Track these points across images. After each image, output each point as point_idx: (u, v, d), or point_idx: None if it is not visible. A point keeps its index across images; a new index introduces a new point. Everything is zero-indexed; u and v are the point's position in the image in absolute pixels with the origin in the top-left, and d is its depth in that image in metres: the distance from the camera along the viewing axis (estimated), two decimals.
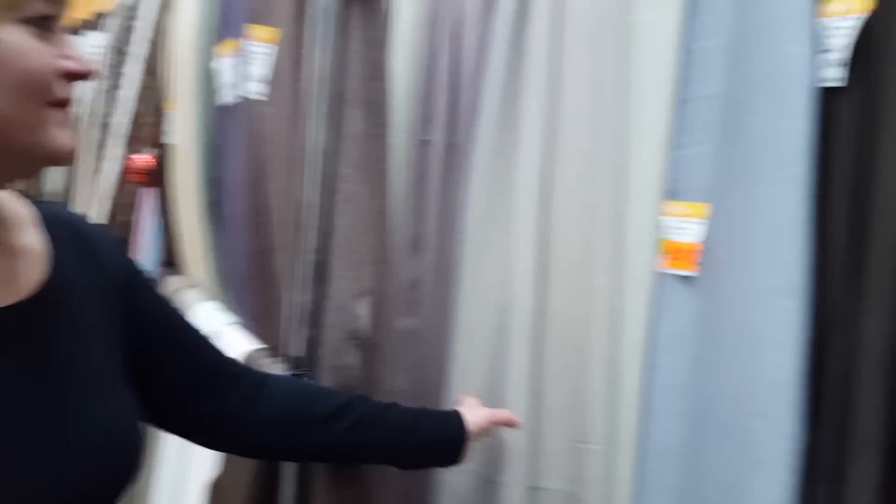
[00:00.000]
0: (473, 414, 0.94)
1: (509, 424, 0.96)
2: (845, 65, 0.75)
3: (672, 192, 0.91)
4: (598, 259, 0.92)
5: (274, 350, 1.13)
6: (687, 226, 0.88)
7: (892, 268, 0.70)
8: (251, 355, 1.14)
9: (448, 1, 1.16)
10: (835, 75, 0.75)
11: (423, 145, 1.22)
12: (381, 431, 0.86)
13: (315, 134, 0.89)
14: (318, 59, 0.87)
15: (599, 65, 0.93)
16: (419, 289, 1.28)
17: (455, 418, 0.92)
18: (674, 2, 0.89)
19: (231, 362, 0.85)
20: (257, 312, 1.16)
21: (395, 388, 1.27)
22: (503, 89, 1.00)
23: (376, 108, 0.89)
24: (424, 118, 1.21)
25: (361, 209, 0.88)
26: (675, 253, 0.89)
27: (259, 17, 1.06)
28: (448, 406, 1.02)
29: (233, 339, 1.24)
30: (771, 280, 0.78)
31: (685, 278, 0.89)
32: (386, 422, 0.87)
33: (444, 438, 0.90)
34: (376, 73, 0.88)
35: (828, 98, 0.77)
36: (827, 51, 0.76)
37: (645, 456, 0.92)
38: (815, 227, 0.76)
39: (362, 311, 0.90)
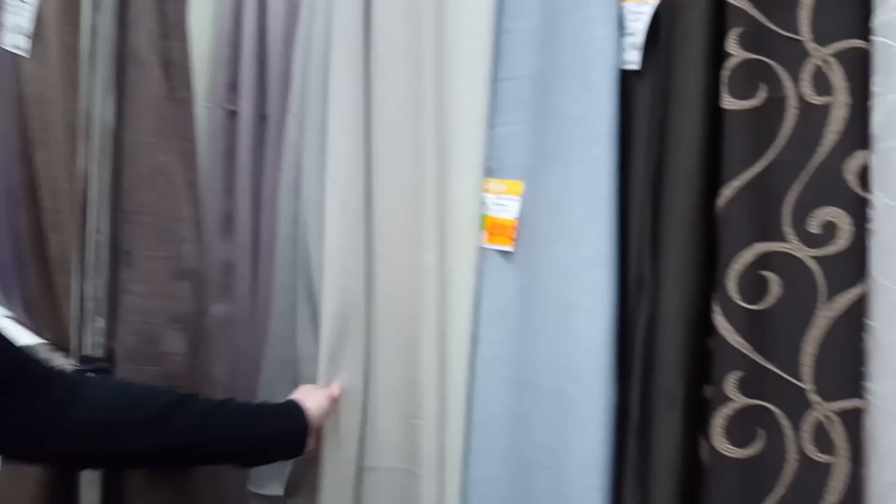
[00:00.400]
0: (312, 399, 0.90)
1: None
2: (640, 49, 0.80)
3: (490, 170, 0.93)
4: (425, 236, 0.91)
5: (59, 344, 0.99)
6: (505, 202, 0.90)
7: (685, 238, 0.76)
8: (31, 351, 1.00)
9: None
10: (633, 59, 0.80)
11: (229, 116, 1.12)
12: (217, 429, 0.81)
13: (97, 98, 0.77)
14: (95, 13, 0.74)
15: (416, 40, 0.91)
16: (233, 272, 1.19)
17: (294, 408, 0.88)
18: None
19: (39, 364, 0.76)
20: (34, 302, 1.00)
21: (211, 376, 1.18)
22: (316, 61, 0.94)
23: (176, 68, 0.78)
24: (230, 86, 1.11)
25: (172, 182, 0.78)
26: (495, 229, 0.91)
27: None
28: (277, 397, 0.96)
29: (10, 335, 1.08)
30: (582, 252, 0.82)
31: (504, 253, 0.92)
32: (221, 419, 0.82)
33: (285, 430, 0.87)
34: (173, 30, 0.77)
35: (628, 80, 0.83)
36: (628, 34, 0.81)
37: (472, 425, 0.94)
38: (620, 202, 0.82)
39: (183, 292, 0.81)
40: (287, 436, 0.87)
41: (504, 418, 0.92)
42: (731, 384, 0.73)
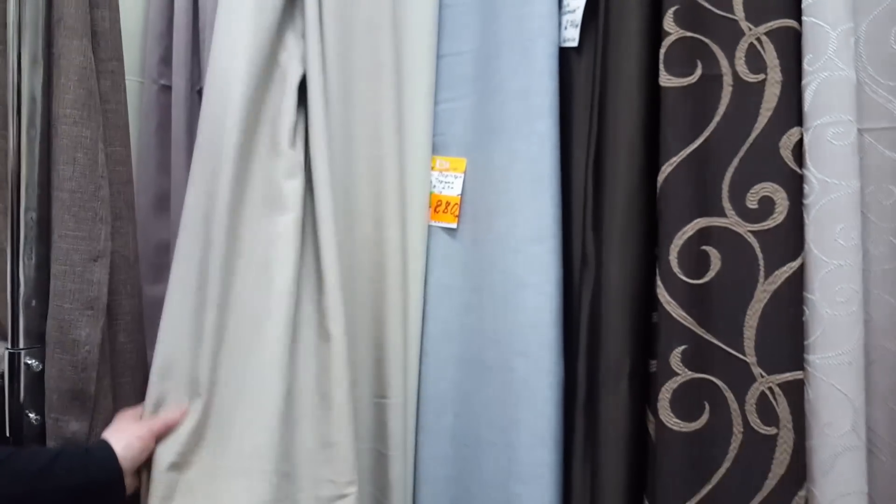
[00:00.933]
0: (128, 435, 0.76)
1: (172, 426, 0.79)
2: (577, 26, 0.80)
3: (435, 146, 0.92)
4: (388, 212, 0.89)
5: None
6: (448, 179, 0.90)
7: (627, 214, 0.77)
8: None
9: None
10: (572, 35, 0.81)
11: (162, 90, 1.08)
12: (4, 485, 0.69)
13: (25, 69, 0.73)
14: None
15: (374, 15, 0.88)
16: (167, 252, 1.15)
17: (102, 453, 0.74)
18: None
19: None
20: None
21: (146, 363, 1.14)
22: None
23: (103, 38, 0.75)
24: (162, 60, 1.07)
25: (91, 157, 0.74)
26: (439, 206, 0.90)
27: None
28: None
29: None
30: (525, 228, 0.82)
31: (449, 230, 0.91)
32: (8, 472, 0.70)
33: (89, 480, 0.73)
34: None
35: (568, 57, 0.83)
36: (568, 11, 0.81)
37: (421, 403, 0.94)
38: (562, 178, 0.82)
39: (98, 275, 0.77)
40: (90, 488, 0.73)
41: (451, 396, 0.91)
42: (675, 358, 0.75)
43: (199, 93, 1.07)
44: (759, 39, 0.71)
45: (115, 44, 0.77)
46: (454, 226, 0.90)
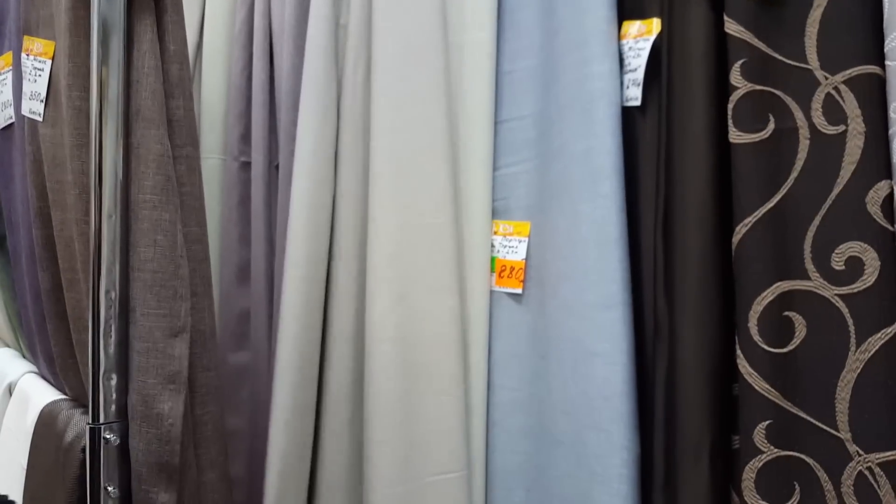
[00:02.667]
0: None
1: None
2: (640, 84, 0.78)
3: (497, 211, 0.91)
4: (446, 281, 0.89)
5: (79, 400, 1.00)
6: (512, 244, 0.88)
7: (699, 278, 0.73)
8: (53, 407, 1.00)
9: (263, 14, 1.09)
10: (635, 95, 0.79)
11: (242, 167, 1.14)
12: None
13: (105, 157, 0.78)
14: (104, 74, 0.76)
15: (422, 82, 0.90)
16: (249, 321, 1.19)
17: None
18: (488, 24, 0.89)
19: None
20: (55, 359, 1.01)
21: (226, 430, 1.17)
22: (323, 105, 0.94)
23: (178, 126, 0.79)
24: (242, 138, 1.13)
25: (169, 239, 0.78)
26: (504, 271, 0.89)
27: (34, 28, 0.92)
28: None
29: (31, 390, 1.09)
30: (593, 294, 0.79)
31: (514, 295, 0.89)
32: None
33: None
34: (176, 89, 0.79)
35: (631, 117, 0.80)
36: (629, 70, 0.79)
37: (491, 475, 0.91)
38: (631, 242, 0.79)
39: (179, 350, 0.80)
40: None
41: (523, 469, 0.88)
42: (760, 434, 0.69)
43: (277, 168, 1.12)
44: (836, 88, 0.67)
45: (189, 130, 0.81)
46: (520, 291, 0.88)
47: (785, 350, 0.69)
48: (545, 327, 0.85)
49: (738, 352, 0.70)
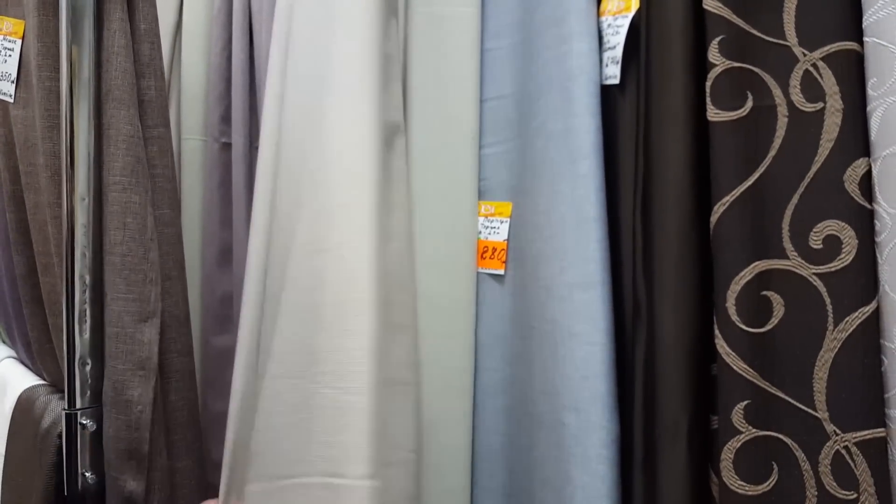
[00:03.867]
0: None
1: None
2: (619, 62, 0.77)
3: (480, 192, 0.90)
4: (436, 261, 0.89)
5: (55, 386, 0.99)
6: (494, 224, 0.88)
7: (679, 259, 0.72)
8: (30, 393, 1.00)
9: None
10: (613, 73, 0.77)
11: (223, 148, 1.12)
12: None
13: (77, 139, 0.77)
14: (74, 54, 0.75)
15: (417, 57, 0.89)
16: (232, 303, 1.18)
17: None
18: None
19: None
20: (33, 343, 1.00)
21: (210, 415, 1.16)
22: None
23: (149, 107, 0.78)
24: (223, 119, 1.11)
25: (140, 221, 0.77)
26: (486, 252, 0.88)
27: (1, 6, 0.90)
28: None
29: (9, 376, 1.09)
30: (572, 274, 0.79)
31: (496, 276, 0.89)
32: None
33: None
34: (146, 69, 0.77)
35: (610, 95, 0.79)
36: (608, 48, 0.78)
37: (476, 456, 0.91)
38: (610, 222, 0.78)
39: (149, 336, 0.79)
40: None
41: (505, 450, 0.88)
42: (738, 414, 0.68)
43: (257, 149, 1.11)
44: (815, 65, 0.66)
45: (161, 110, 0.80)
46: (502, 272, 0.88)
47: (763, 330, 0.69)
48: (526, 308, 0.85)
49: (717, 332, 0.69)
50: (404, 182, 0.87)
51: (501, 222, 0.87)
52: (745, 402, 0.68)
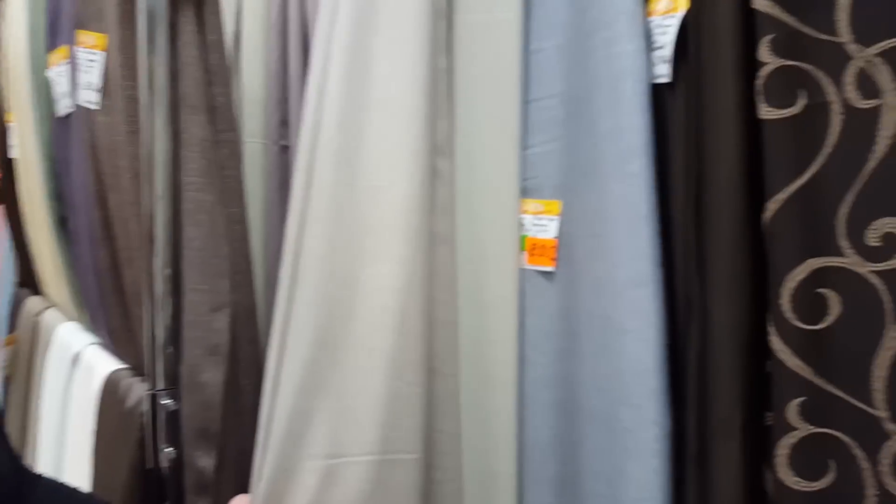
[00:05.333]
0: None
1: None
2: (668, 62, 0.77)
3: (527, 190, 0.92)
4: (479, 258, 0.92)
5: (136, 370, 1.07)
6: (543, 222, 0.89)
7: (732, 256, 0.72)
8: (115, 376, 1.08)
9: (296, 4, 1.12)
10: (663, 72, 0.78)
11: (282, 151, 1.17)
12: None
13: (156, 143, 0.83)
14: (151, 64, 0.80)
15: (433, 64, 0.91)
16: None
17: None
18: (515, 4, 0.89)
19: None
20: (116, 331, 1.08)
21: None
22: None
23: (219, 113, 0.83)
24: (282, 123, 1.16)
25: (212, 219, 0.83)
26: (535, 249, 0.90)
27: (86, 22, 0.97)
28: None
29: (95, 361, 1.17)
30: (623, 271, 0.80)
31: (546, 273, 0.90)
32: None
33: None
34: (215, 77, 0.82)
35: (660, 94, 0.80)
36: (657, 48, 0.78)
37: (523, 449, 0.93)
38: (661, 219, 0.78)
39: (221, 324, 0.85)
40: None
41: (555, 443, 0.90)
42: (793, 411, 0.68)
43: None
44: (869, 62, 0.65)
45: (229, 116, 0.85)
46: (552, 269, 0.89)
47: (818, 327, 0.68)
48: (576, 304, 0.86)
49: (770, 328, 0.69)
50: (450, 185, 0.91)
51: (550, 220, 0.89)
52: (801, 399, 0.68)
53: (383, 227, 0.85)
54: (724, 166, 0.72)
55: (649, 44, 0.78)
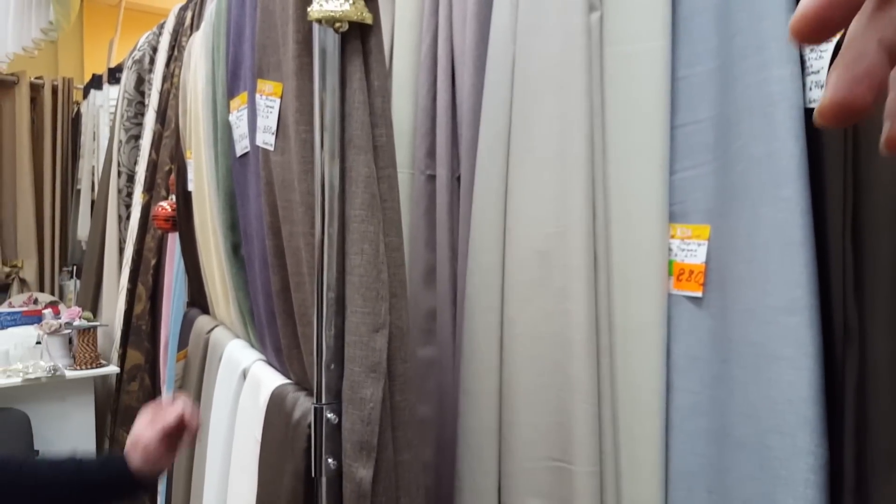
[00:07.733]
0: (139, 447, 1.07)
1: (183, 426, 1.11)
2: (823, 87, 0.76)
3: (674, 215, 0.93)
4: (626, 284, 0.96)
5: (300, 385, 1.16)
6: (691, 247, 0.90)
7: (891, 282, 0.70)
8: (281, 390, 1.17)
9: (445, 40, 1.20)
10: (818, 97, 0.77)
11: (428, 180, 1.25)
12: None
13: (325, 180, 0.92)
14: (322, 110, 0.90)
15: (592, 95, 0.96)
16: (435, 318, 1.30)
17: (117, 457, 1.08)
18: (661, 33, 0.91)
19: None
20: (283, 349, 1.18)
21: (418, 416, 1.29)
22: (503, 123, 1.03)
23: (381, 152, 0.91)
24: (428, 154, 1.24)
25: (374, 248, 0.91)
26: (683, 274, 0.90)
27: (265, 72, 1.09)
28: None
29: (262, 375, 1.27)
30: (776, 298, 0.79)
31: (694, 299, 0.90)
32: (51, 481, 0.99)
33: (106, 476, 1.05)
34: (379, 119, 0.91)
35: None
36: (811, 73, 0.78)
37: (671, 476, 0.93)
38: (817, 245, 0.78)
39: (380, 344, 0.92)
40: (109, 482, 1.05)
41: (703, 471, 0.89)
42: None
43: (458, 180, 1.22)
44: None
45: (390, 154, 0.93)
46: (700, 294, 0.90)
47: None
48: (726, 331, 0.86)
49: None
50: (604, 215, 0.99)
51: (699, 245, 0.89)
52: None
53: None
54: (883, 191, 0.71)
55: (803, 69, 0.78)
